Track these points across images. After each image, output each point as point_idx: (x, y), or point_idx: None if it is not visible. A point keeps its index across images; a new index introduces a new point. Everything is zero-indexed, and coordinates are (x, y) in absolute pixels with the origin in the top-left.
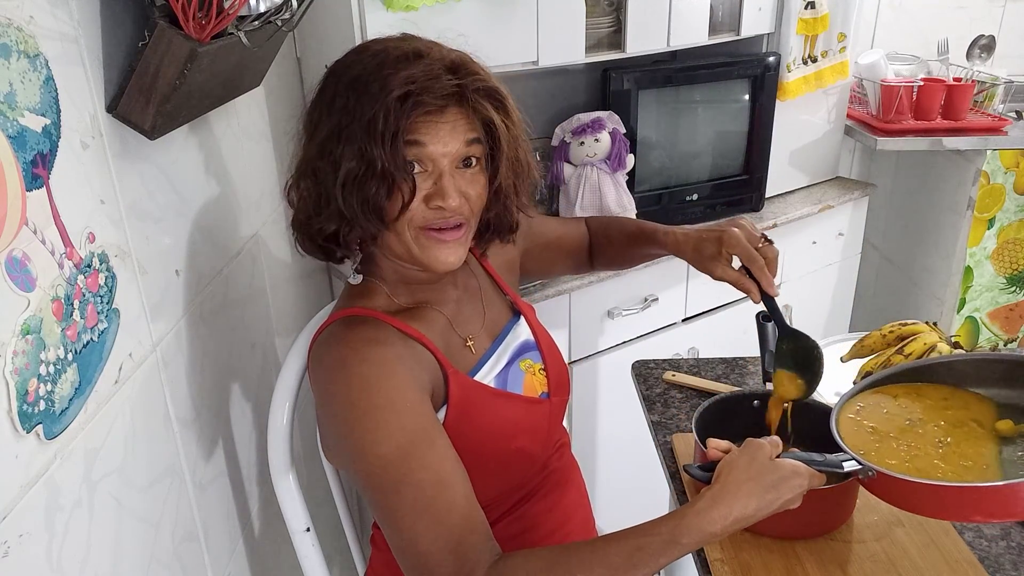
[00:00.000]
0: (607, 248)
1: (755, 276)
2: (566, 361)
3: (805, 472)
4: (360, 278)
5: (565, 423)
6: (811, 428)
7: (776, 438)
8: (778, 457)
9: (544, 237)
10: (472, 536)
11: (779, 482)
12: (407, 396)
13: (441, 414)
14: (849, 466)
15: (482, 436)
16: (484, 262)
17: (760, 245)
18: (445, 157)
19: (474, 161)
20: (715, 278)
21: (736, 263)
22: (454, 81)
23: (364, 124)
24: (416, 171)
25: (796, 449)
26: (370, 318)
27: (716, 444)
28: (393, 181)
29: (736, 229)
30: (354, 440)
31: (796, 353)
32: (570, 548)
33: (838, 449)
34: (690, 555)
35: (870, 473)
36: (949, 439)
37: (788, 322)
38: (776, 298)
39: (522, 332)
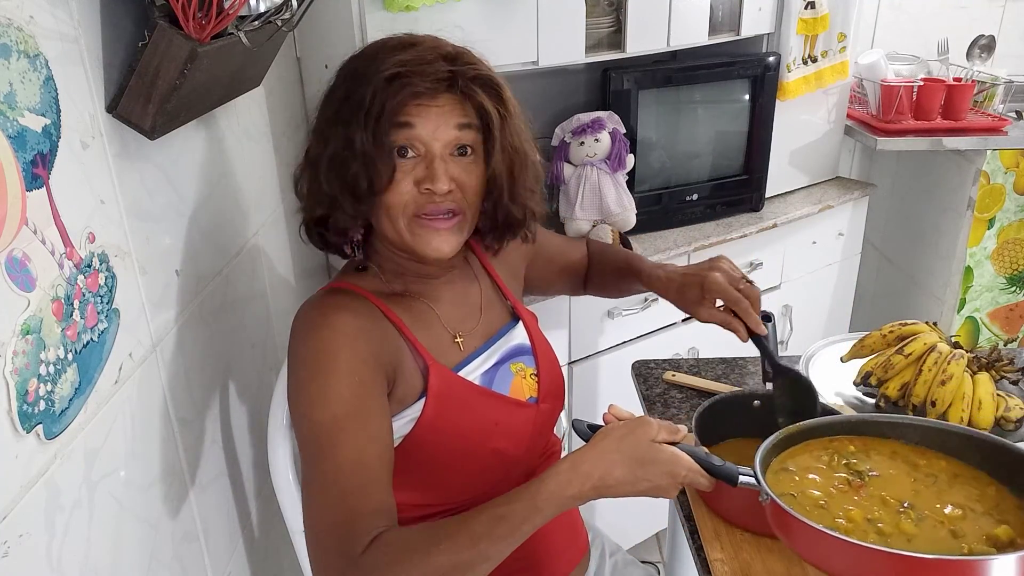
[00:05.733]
0: (598, 276)
1: (741, 317)
2: (566, 361)
3: (685, 465)
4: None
5: (564, 424)
6: None
7: (680, 427)
8: (675, 445)
9: (547, 250)
10: (369, 518)
11: (649, 462)
12: (358, 370)
13: (419, 405)
14: (744, 480)
15: (460, 431)
16: (488, 267)
17: (741, 286)
18: (437, 141)
19: (469, 150)
20: (701, 320)
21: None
22: (448, 68)
23: (353, 107)
24: (409, 156)
25: (706, 449)
26: (354, 292)
27: (616, 411)
28: (373, 162)
29: (717, 273)
30: (297, 399)
31: (791, 389)
32: (438, 523)
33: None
34: (690, 554)
35: (763, 498)
36: (913, 511)
37: (776, 352)
38: (764, 336)
39: (517, 336)
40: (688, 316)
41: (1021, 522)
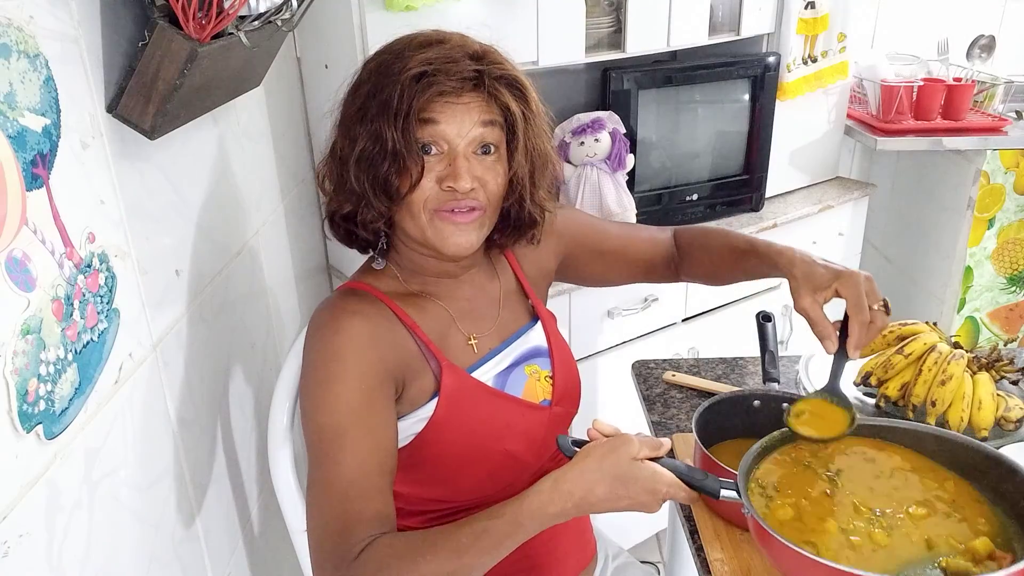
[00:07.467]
0: (704, 261)
1: (848, 327)
2: None
3: (665, 481)
4: (383, 263)
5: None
6: None
7: (664, 441)
8: (656, 461)
9: (598, 245)
10: (366, 525)
11: (630, 480)
12: (365, 377)
13: (431, 405)
14: (726, 494)
15: (471, 432)
16: (514, 266)
17: (876, 306)
18: (461, 139)
19: (492, 148)
20: (797, 308)
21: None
22: (474, 67)
23: (381, 104)
24: (432, 153)
25: (685, 462)
26: (368, 293)
27: (600, 427)
28: (403, 160)
29: (864, 277)
30: (306, 402)
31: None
32: (426, 532)
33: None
34: (690, 554)
35: (745, 511)
36: (891, 514)
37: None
38: (850, 360)
39: (535, 338)
40: (689, 316)
41: (989, 523)
